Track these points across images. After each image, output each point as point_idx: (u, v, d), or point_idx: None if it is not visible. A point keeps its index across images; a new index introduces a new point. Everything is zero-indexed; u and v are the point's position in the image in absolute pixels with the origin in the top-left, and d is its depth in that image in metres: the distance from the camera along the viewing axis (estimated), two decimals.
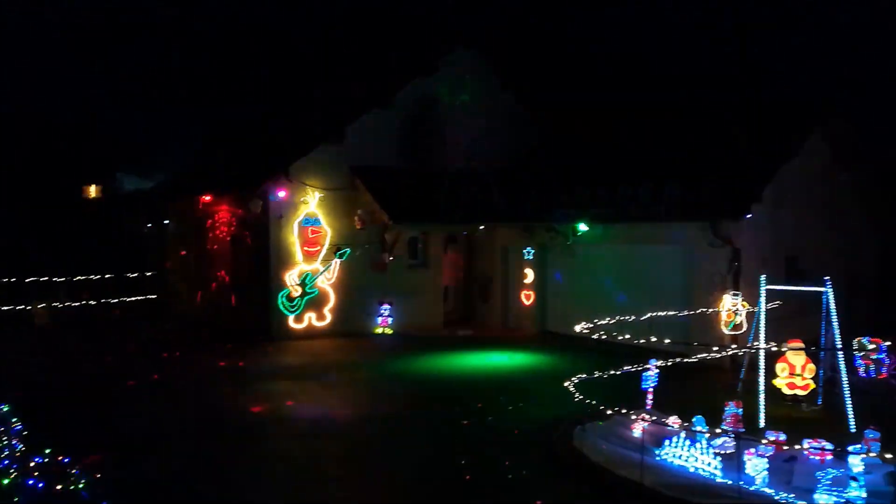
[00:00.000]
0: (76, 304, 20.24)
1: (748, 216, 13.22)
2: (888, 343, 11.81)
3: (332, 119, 17.59)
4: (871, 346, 12.19)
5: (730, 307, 13.12)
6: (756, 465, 7.35)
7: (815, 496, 6.27)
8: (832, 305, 10.11)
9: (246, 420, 9.94)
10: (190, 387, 12.05)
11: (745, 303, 12.68)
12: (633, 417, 8.60)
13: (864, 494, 6.79)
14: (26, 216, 26.89)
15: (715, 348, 11.29)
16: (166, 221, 21.61)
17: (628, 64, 23.57)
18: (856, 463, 7.43)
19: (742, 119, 15.91)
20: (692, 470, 7.70)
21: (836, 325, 10.34)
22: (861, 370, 12.36)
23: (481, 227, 17.83)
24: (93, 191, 24.05)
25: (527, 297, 17.88)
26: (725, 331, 13.33)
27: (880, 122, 17.45)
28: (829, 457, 7.82)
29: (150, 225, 23.21)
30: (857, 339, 13.12)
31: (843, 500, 6.57)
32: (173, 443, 8.97)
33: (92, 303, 19.85)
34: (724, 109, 16.64)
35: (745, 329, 12.57)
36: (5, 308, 18.83)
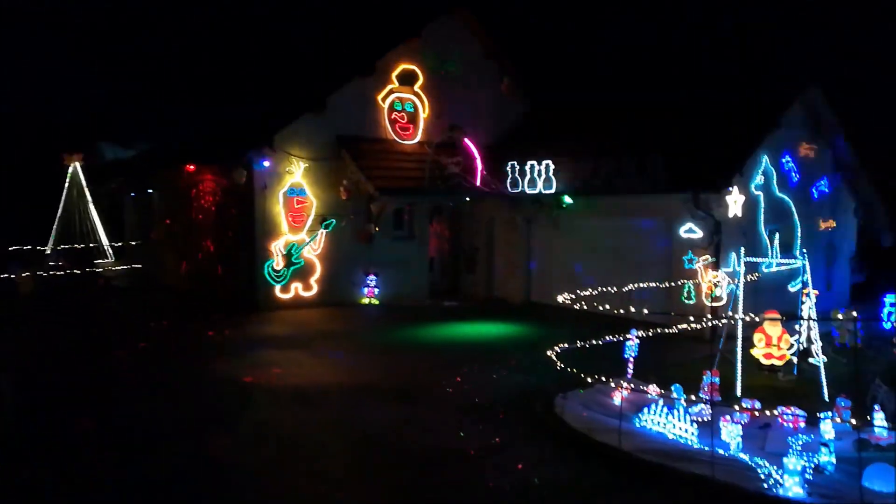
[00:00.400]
0: (60, 273, 20.13)
1: (729, 189, 13.40)
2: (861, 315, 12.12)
3: (316, 88, 17.41)
4: (846, 317, 12.53)
5: (710, 279, 13.40)
6: (731, 432, 7.60)
7: (785, 460, 6.51)
8: (808, 278, 10.36)
9: (232, 387, 10.06)
10: (177, 355, 12.13)
11: (724, 276, 12.93)
12: (614, 386, 8.84)
13: (834, 460, 7.07)
14: (7, 185, 26.55)
15: (691, 318, 11.52)
16: (150, 191, 21.43)
17: (614, 41, 23.50)
18: (827, 430, 7.73)
19: (725, 94, 16.01)
20: (670, 437, 7.95)
21: (812, 296, 10.61)
22: (836, 340, 12.72)
23: (466, 199, 17.87)
24: (73, 159, 23.68)
25: (512, 268, 18.04)
26: (706, 302, 13.61)
27: (857, 93, 17.61)
28: (802, 424, 8.11)
29: (133, 194, 23.01)
30: (833, 311, 13.47)
31: (812, 465, 6.83)
32: (157, 404, 9.09)
33: (76, 272, 19.73)
34: (708, 85, 16.70)
35: (724, 301, 12.84)
36: None
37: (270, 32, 27.08)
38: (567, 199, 15.84)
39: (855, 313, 10.28)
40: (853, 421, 7.19)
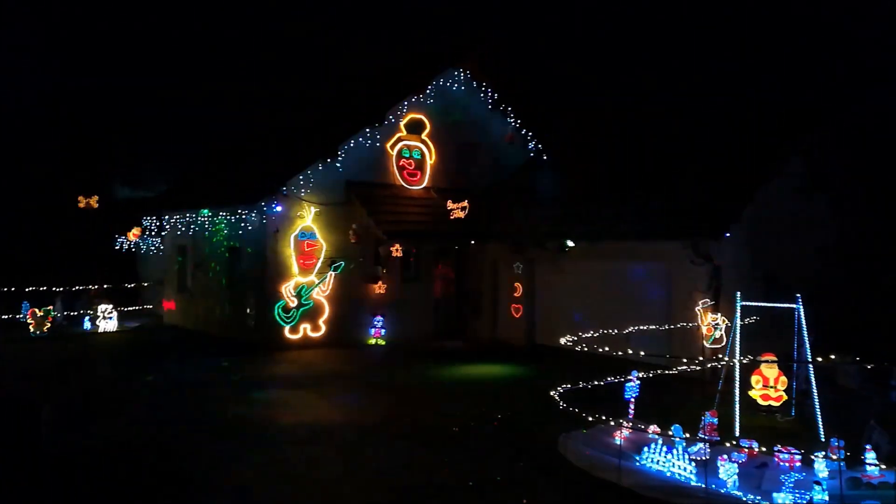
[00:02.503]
0: (73, 312, 20.56)
1: (727, 235, 13.84)
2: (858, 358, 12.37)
3: (328, 136, 18.11)
4: (843, 359, 12.77)
5: (709, 322, 13.72)
6: (728, 470, 7.87)
7: (775, 495, 6.77)
8: (803, 321, 10.69)
9: (244, 424, 10.35)
10: (188, 393, 12.44)
11: (724, 318, 13.26)
12: (615, 426, 9.12)
13: (827, 498, 7.32)
14: (23, 226, 27.19)
15: (684, 360, 11.82)
16: (164, 233, 22.00)
17: (613, 85, 24.31)
18: (821, 469, 7.99)
19: (723, 138, 16.59)
20: (669, 475, 8.21)
21: (806, 339, 10.92)
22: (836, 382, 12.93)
23: (472, 243, 18.36)
24: (90, 201, 24.38)
25: (515, 311, 18.39)
26: (706, 344, 13.91)
27: (856, 140, 18.10)
28: (798, 463, 8.36)
29: (146, 236, 23.57)
30: (831, 356, 13.72)
31: (805, 501, 7.08)
32: (176, 441, 9.38)
33: (89, 312, 20.16)
34: (706, 131, 17.30)
35: (724, 343, 13.13)
36: (4, 317, 19.10)
37: (285, 81, 28.07)
38: (569, 243, 16.29)
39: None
40: (835, 457, 7.44)
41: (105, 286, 22.09)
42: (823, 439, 9.60)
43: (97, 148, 32.27)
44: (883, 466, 7.76)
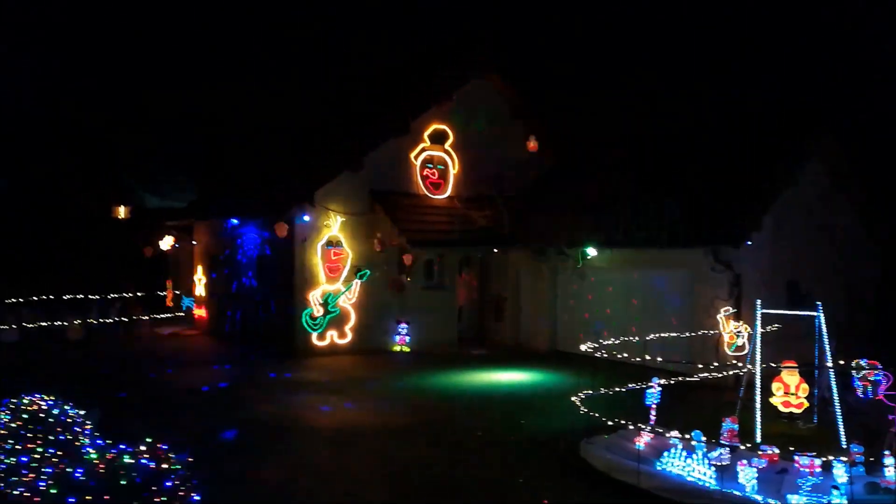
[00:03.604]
0: (108, 320, 21.23)
1: (748, 243, 13.94)
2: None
3: (353, 147, 18.54)
4: (868, 368, 12.79)
5: (731, 330, 13.82)
6: (747, 475, 8.03)
7: (792, 498, 6.93)
8: (824, 328, 10.78)
9: (275, 426, 10.73)
10: (222, 395, 12.88)
11: (746, 326, 13.36)
12: (635, 431, 9.31)
13: (845, 502, 7.45)
14: (59, 236, 28.08)
15: (700, 366, 11.94)
16: (194, 242, 22.61)
17: (633, 92, 24.45)
18: (840, 474, 8.11)
19: (743, 145, 16.68)
20: (688, 479, 8.39)
21: (827, 346, 11.00)
22: (859, 391, 12.95)
23: (494, 251, 18.64)
24: (122, 211, 25.08)
25: (538, 318, 18.59)
26: (728, 352, 14.00)
27: (875, 142, 18.06)
28: (818, 468, 8.48)
29: (177, 245, 24.23)
30: (855, 361, 13.73)
31: None
32: (212, 439, 9.79)
33: (124, 319, 20.81)
34: (726, 138, 17.37)
35: (746, 350, 13.22)
36: (43, 324, 19.81)
37: (312, 92, 28.63)
38: (590, 252, 16.48)
39: (877, 364, 10.63)
40: (852, 461, 7.57)
41: (138, 294, 22.76)
42: (845, 446, 9.69)
43: (127, 159, 33.22)
44: None
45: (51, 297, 20.65)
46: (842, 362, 10.48)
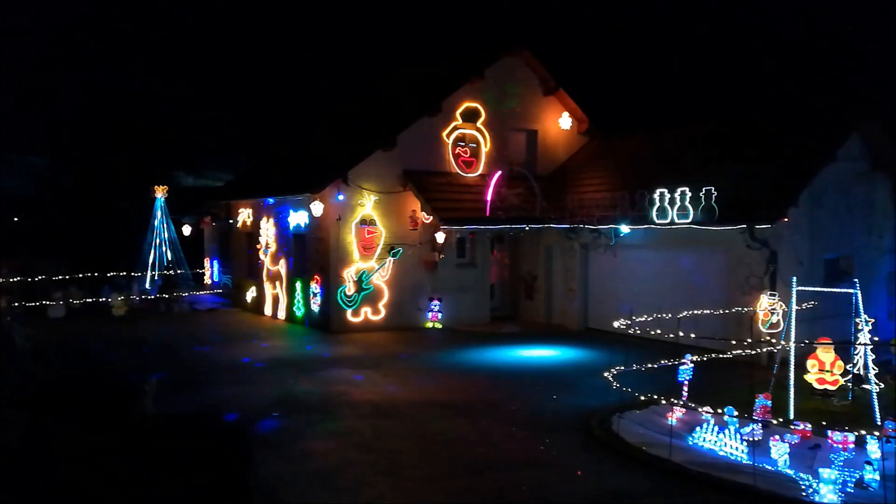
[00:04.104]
0: (150, 297, 21.92)
1: (784, 220, 13.78)
2: None
3: (386, 127, 18.70)
4: None
5: (766, 307, 13.72)
6: (779, 450, 8.10)
7: (823, 472, 7.01)
8: (860, 305, 10.68)
9: (316, 399, 11.11)
10: (262, 370, 13.31)
11: (781, 303, 13.26)
12: (668, 406, 9.42)
13: (878, 477, 7.49)
14: (102, 216, 28.98)
15: (734, 342, 11.90)
16: (231, 220, 23.12)
17: (668, 71, 24.08)
18: (873, 450, 8.13)
19: (780, 121, 16.39)
20: (720, 454, 8.50)
21: (864, 323, 10.90)
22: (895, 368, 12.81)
23: (526, 228, 18.69)
24: (160, 191, 25.72)
25: (570, 295, 18.67)
26: (763, 329, 13.92)
27: None
28: (852, 445, 8.50)
29: (215, 224, 24.80)
30: (893, 339, 13.58)
31: (854, 479, 7.28)
32: (254, 412, 10.20)
33: (165, 296, 21.47)
34: (763, 113, 17.09)
35: (781, 328, 13.14)
36: (88, 300, 20.57)
37: (342, 74, 28.87)
38: (624, 229, 16.46)
39: None
40: (886, 436, 7.58)
41: (178, 271, 23.43)
42: (879, 423, 9.66)
43: (167, 142, 33.92)
44: None
45: (95, 273, 21.39)
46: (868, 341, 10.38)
